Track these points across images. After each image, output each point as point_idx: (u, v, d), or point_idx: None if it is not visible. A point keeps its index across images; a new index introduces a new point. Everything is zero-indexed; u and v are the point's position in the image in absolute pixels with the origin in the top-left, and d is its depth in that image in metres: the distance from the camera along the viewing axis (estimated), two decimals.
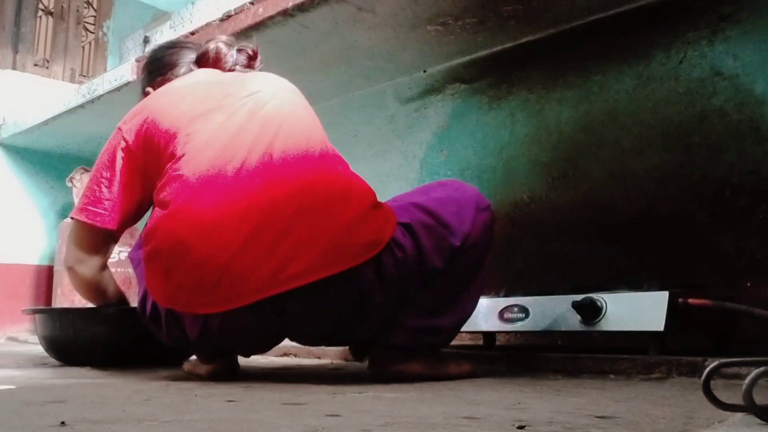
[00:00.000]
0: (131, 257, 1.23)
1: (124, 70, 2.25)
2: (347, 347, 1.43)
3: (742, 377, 0.62)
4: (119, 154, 1.23)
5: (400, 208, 1.16)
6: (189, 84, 1.28)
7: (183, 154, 1.15)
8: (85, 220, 1.26)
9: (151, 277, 1.13)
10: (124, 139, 1.23)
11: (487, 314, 1.46)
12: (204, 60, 1.35)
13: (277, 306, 1.08)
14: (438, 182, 1.30)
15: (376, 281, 1.10)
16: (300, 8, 1.68)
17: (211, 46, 1.35)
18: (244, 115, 1.19)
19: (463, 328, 1.26)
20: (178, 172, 1.14)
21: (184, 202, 1.11)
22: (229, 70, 1.35)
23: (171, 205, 1.12)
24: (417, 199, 1.20)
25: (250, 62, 1.38)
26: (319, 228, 1.08)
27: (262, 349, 1.24)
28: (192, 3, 2.59)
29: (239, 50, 1.37)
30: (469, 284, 1.20)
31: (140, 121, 1.22)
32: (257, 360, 1.61)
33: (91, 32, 4.18)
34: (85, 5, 4.05)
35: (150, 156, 1.20)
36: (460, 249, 1.15)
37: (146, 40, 3.17)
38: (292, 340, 1.20)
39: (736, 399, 0.61)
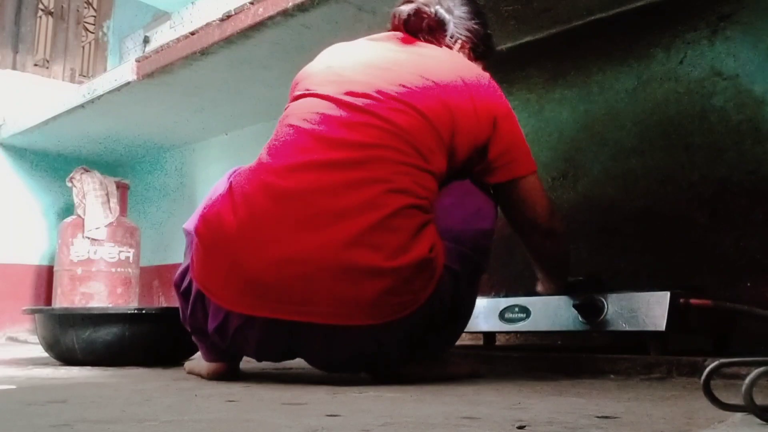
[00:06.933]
0: (186, 228, 1.22)
1: (124, 70, 2.25)
2: None
3: (742, 377, 0.62)
4: None
5: (451, 250, 1.10)
6: None
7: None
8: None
9: (195, 251, 1.12)
10: None
11: (487, 314, 1.46)
12: None
13: (290, 330, 1.05)
14: (459, 198, 1.18)
15: (401, 339, 1.06)
16: (300, 8, 1.68)
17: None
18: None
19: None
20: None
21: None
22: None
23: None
24: (457, 225, 1.13)
25: None
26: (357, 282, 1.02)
27: (274, 360, 1.20)
28: (192, 3, 2.59)
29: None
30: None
31: None
32: None
33: (91, 32, 4.18)
34: (85, 5, 4.05)
35: None
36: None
37: (146, 40, 3.17)
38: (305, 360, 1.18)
39: (736, 399, 0.61)
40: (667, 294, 1.18)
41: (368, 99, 1.10)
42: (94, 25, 4.15)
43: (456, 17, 1.27)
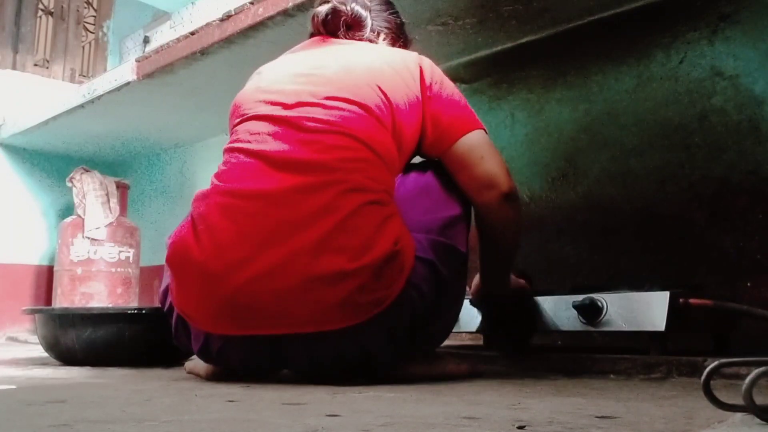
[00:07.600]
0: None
1: (124, 70, 2.25)
2: None
3: (742, 377, 0.62)
4: None
5: (421, 240, 1.09)
6: None
7: None
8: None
9: (170, 278, 1.14)
10: None
11: None
12: None
13: (270, 344, 1.06)
14: (423, 189, 1.19)
15: (383, 337, 1.05)
16: (300, 8, 1.68)
17: None
18: None
19: (464, 328, 1.26)
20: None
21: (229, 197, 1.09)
22: None
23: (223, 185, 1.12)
24: (423, 216, 1.14)
25: None
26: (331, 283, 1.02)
27: (261, 373, 1.19)
28: (192, 3, 2.59)
29: None
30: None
31: None
32: None
33: (91, 32, 4.18)
34: (85, 5, 4.04)
35: None
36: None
37: (146, 40, 3.16)
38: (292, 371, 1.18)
39: (736, 399, 0.61)
40: (667, 294, 1.18)
41: (301, 107, 1.12)
42: (94, 25, 4.15)
43: (374, 11, 1.28)
